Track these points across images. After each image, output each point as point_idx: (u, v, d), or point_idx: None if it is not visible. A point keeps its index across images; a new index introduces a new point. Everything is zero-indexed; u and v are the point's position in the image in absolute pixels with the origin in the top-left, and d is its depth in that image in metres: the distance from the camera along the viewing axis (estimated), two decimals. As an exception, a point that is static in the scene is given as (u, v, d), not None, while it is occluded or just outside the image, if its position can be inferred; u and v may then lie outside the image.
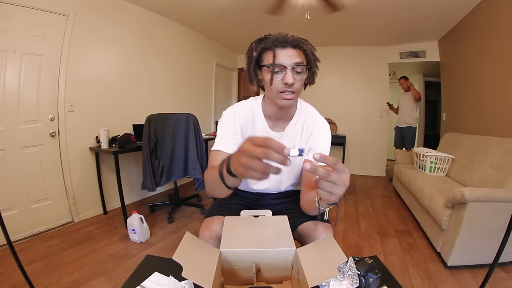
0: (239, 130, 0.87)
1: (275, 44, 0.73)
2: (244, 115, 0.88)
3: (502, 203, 1.43)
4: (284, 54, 0.72)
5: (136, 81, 2.82)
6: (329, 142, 0.88)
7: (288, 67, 0.72)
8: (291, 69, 0.72)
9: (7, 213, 1.86)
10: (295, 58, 0.72)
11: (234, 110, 0.88)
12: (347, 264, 0.63)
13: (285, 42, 0.72)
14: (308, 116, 0.89)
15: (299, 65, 0.72)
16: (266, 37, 0.76)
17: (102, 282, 1.46)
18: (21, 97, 1.94)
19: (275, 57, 0.73)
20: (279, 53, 0.73)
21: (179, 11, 2.97)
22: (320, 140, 0.87)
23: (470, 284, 1.45)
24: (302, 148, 0.47)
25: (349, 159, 4.37)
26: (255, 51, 0.77)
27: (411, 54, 3.93)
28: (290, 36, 0.74)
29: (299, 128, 0.88)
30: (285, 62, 0.72)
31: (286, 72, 0.72)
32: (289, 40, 0.73)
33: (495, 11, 2.29)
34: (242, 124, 0.88)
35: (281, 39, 0.73)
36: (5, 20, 1.81)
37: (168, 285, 0.63)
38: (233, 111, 0.88)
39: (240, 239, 0.70)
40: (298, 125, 0.88)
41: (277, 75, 0.74)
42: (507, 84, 2.10)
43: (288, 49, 0.73)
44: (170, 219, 2.32)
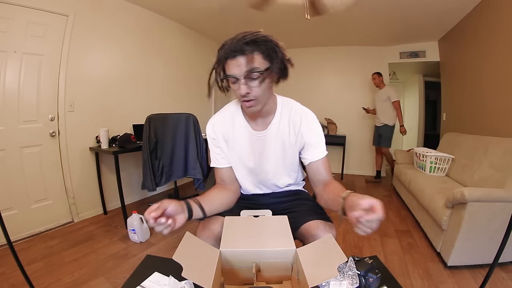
0: (221, 138, 0.91)
1: (226, 55, 0.70)
2: (223, 122, 0.91)
3: (502, 203, 1.43)
4: (235, 64, 0.70)
5: (136, 81, 2.82)
6: (320, 133, 0.89)
7: (240, 78, 0.71)
8: (243, 79, 0.71)
9: (7, 213, 1.86)
10: (245, 66, 0.69)
11: (213, 121, 0.92)
12: (347, 264, 0.63)
13: (234, 52, 0.69)
14: (292, 110, 0.88)
15: (251, 72, 0.70)
16: (224, 45, 0.73)
17: (102, 282, 1.46)
18: (21, 97, 1.94)
19: (227, 69, 0.72)
20: (230, 64, 0.71)
21: (178, 10, 2.97)
22: (314, 137, 0.88)
23: (470, 284, 1.44)
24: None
25: (349, 159, 4.37)
26: (215, 62, 0.75)
27: (411, 54, 3.93)
28: (241, 42, 0.69)
29: (285, 124, 0.88)
30: (235, 73, 0.71)
31: (239, 82, 0.71)
32: (238, 47, 0.68)
33: (495, 11, 2.29)
34: (223, 131, 0.90)
35: (231, 47, 0.69)
36: (5, 20, 1.81)
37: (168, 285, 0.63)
38: (212, 122, 0.92)
39: (240, 239, 0.70)
40: (283, 121, 0.88)
41: (234, 85, 0.74)
42: (507, 84, 2.10)
43: (237, 59, 0.69)
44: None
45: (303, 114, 0.88)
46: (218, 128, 0.91)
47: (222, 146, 0.92)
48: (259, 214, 0.82)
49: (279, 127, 0.87)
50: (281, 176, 0.95)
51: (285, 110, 0.88)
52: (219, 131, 0.90)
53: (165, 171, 2.21)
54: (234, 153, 0.91)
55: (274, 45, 0.72)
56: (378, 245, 1.94)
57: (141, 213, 1.99)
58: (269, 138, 0.88)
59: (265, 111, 0.85)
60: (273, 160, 0.90)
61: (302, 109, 0.89)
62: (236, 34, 0.71)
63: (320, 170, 0.88)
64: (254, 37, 0.69)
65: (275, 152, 0.89)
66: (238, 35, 0.70)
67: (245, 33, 0.70)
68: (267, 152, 0.89)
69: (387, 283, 0.65)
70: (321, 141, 0.89)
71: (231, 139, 0.90)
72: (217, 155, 0.93)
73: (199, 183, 2.31)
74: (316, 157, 0.88)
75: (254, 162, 0.91)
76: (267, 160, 0.90)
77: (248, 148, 0.90)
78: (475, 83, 2.64)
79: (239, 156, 0.91)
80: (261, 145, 0.89)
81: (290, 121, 0.87)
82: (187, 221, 0.71)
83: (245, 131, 0.89)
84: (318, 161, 0.88)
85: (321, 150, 0.89)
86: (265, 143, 0.88)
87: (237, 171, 0.95)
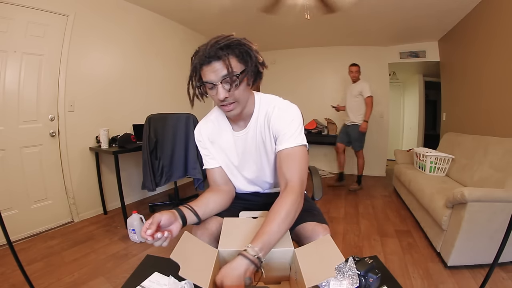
0: (207, 142, 0.94)
1: (201, 62, 0.70)
2: (209, 126, 0.93)
3: (502, 203, 1.43)
4: (210, 70, 0.70)
5: (136, 81, 2.82)
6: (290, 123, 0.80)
7: (217, 83, 0.71)
8: (220, 84, 0.71)
9: (7, 213, 1.86)
10: (221, 71, 0.69)
11: (199, 126, 0.95)
12: (347, 264, 0.63)
13: (208, 58, 0.69)
14: (269, 104, 0.86)
15: (227, 76, 0.70)
16: (196, 52, 0.73)
17: (102, 282, 1.46)
18: (21, 97, 1.94)
19: (203, 75, 0.72)
20: (205, 70, 0.71)
21: (178, 10, 2.97)
22: (281, 125, 0.80)
23: (470, 284, 1.44)
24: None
25: (349, 159, 4.36)
26: (191, 69, 0.75)
27: (411, 54, 3.93)
28: (215, 47, 0.68)
29: (261, 121, 0.86)
30: (212, 79, 0.71)
31: (217, 88, 0.72)
32: (212, 53, 0.68)
33: (495, 11, 2.29)
34: (209, 134, 0.93)
35: (206, 54, 0.69)
36: (5, 20, 1.81)
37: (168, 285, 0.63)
38: (199, 127, 0.95)
39: (238, 239, 0.70)
40: (260, 118, 0.86)
41: (211, 91, 0.74)
42: (507, 84, 2.10)
43: (213, 64, 0.69)
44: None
45: (277, 105, 0.84)
46: (204, 131, 0.94)
47: (208, 147, 0.94)
48: (258, 216, 0.82)
49: (257, 124, 0.87)
50: (268, 173, 0.94)
51: (263, 106, 0.87)
52: (205, 134, 0.93)
53: (165, 171, 2.21)
54: (220, 153, 0.93)
55: (248, 48, 0.73)
56: (378, 245, 1.94)
57: (141, 213, 2.00)
58: (250, 136, 0.88)
59: (245, 113, 0.85)
60: (256, 158, 0.91)
61: (278, 101, 0.86)
62: (209, 40, 0.71)
63: (281, 164, 0.78)
64: (227, 42, 0.69)
65: (257, 150, 0.89)
66: (211, 41, 0.70)
67: (218, 38, 0.71)
68: (249, 150, 0.90)
69: (387, 283, 0.65)
70: (289, 130, 0.79)
71: (216, 141, 0.93)
72: (206, 157, 0.95)
73: (199, 183, 2.31)
74: (280, 147, 0.79)
75: (239, 161, 0.92)
76: (250, 158, 0.91)
77: (232, 148, 0.91)
78: (475, 83, 2.64)
79: (225, 156, 0.93)
80: (243, 145, 0.90)
81: (266, 116, 0.85)
82: (182, 227, 0.72)
83: (228, 133, 0.91)
84: (282, 152, 0.79)
85: (288, 140, 0.78)
86: (246, 142, 0.89)
87: (227, 170, 0.96)
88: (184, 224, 0.74)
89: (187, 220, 0.75)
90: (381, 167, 4.34)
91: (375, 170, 4.33)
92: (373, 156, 4.32)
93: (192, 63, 0.74)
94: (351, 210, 2.69)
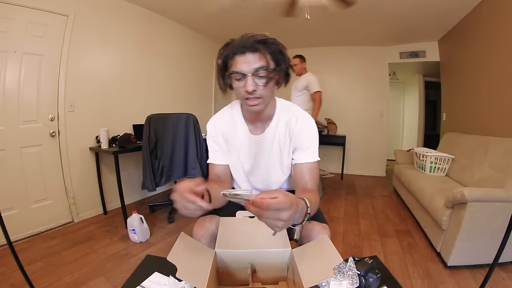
0: (221, 138, 0.91)
1: (234, 51, 0.70)
2: (224, 123, 0.91)
3: (502, 203, 1.43)
4: (243, 60, 0.70)
5: (136, 81, 2.82)
6: (313, 138, 0.86)
7: (248, 74, 0.70)
8: (251, 76, 0.70)
9: (7, 213, 1.86)
10: (254, 64, 0.70)
11: (214, 121, 0.93)
12: (347, 264, 0.63)
13: (243, 48, 0.69)
14: (290, 113, 0.87)
15: (259, 69, 0.70)
16: (230, 43, 0.74)
17: (102, 282, 1.46)
18: (21, 97, 1.94)
19: (234, 65, 0.72)
20: (238, 60, 0.71)
21: (178, 11, 2.97)
22: (304, 139, 0.85)
23: (470, 284, 1.44)
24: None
25: (349, 159, 4.37)
26: (219, 58, 0.75)
27: (411, 54, 3.93)
28: (251, 40, 0.70)
29: (282, 128, 0.87)
30: (243, 69, 0.70)
31: (247, 79, 0.71)
32: (248, 44, 0.69)
33: (495, 11, 2.29)
34: (223, 131, 0.91)
35: (241, 44, 0.69)
36: (5, 20, 1.81)
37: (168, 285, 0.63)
38: (213, 121, 0.93)
39: (235, 240, 0.70)
40: (280, 125, 0.87)
41: (239, 82, 0.73)
42: (507, 84, 2.10)
43: (247, 55, 0.70)
44: (170, 219, 2.32)
45: (300, 117, 0.86)
46: (218, 127, 0.91)
47: (221, 144, 0.92)
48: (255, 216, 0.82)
49: (275, 131, 0.87)
50: (277, 179, 0.94)
51: (283, 114, 0.87)
52: (219, 130, 0.91)
53: (165, 171, 2.21)
54: (232, 153, 0.92)
55: (282, 48, 0.73)
56: (378, 245, 1.94)
57: (141, 213, 2.00)
58: (266, 141, 0.88)
59: (265, 114, 0.85)
60: (269, 164, 0.91)
61: (299, 113, 0.88)
62: (243, 34, 0.72)
63: (304, 175, 0.84)
64: (263, 38, 0.70)
65: (271, 156, 0.89)
66: (246, 34, 0.71)
67: (254, 34, 0.71)
68: (263, 155, 0.90)
69: (387, 283, 0.65)
70: (312, 145, 0.85)
71: (230, 140, 0.91)
72: (216, 152, 0.93)
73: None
74: (303, 160, 0.85)
75: (251, 164, 0.92)
76: (262, 163, 0.91)
77: (246, 150, 0.90)
78: (475, 83, 2.64)
79: (237, 157, 0.92)
80: (257, 148, 0.89)
81: (287, 125, 0.86)
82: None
83: (244, 133, 0.89)
84: (304, 165, 0.85)
85: (310, 154, 0.85)
86: (261, 147, 0.89)
87: (235, 171, 0.95)
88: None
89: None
90: (381, 167, 4.34)
91: (375, 170, 4.34)
92: (373, 156, 4.32)
93: (221, 54, 0.74)
94: (351, 210, 2.69)
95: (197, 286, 0.52)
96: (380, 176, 4.29)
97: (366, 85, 4.26)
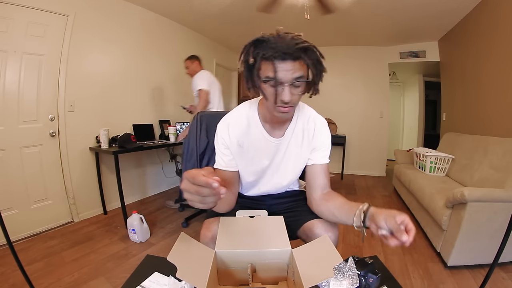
0: (235, 143, 0.84)
1: (275, 55, 0.63)
2: (239, 125, 0.84)
3: (502, 203, 1.43)
4: (283, 68, 0.64)
5: (136, 81, 2.82)
6: (328, 141, 0.89)
7: (286, 84, 0.65)
8: (289, 85, 0.66)
9: (7, 213, 1.86)
10: (295, 73, 0.64)
11: (227, 122, 0.85)
12: (347, 264, 0.63)
13: (285, 54, 0.62)
14: (307, 116, 0.87)
15: (298, 79, 0.66)
16: (264, 40, 0.65)
17: (102, 282, 1.46)
18: (21, 97, 1.94)
19: (269, 70, 0.65)
20: (277, 66, 0.64)
21: (179, 11, 2.97)
22: (323, 141, 0.87)
23: (470, 284, 1.44)
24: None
25: (349, 159, 4.37)
26: (251, 57, 0.66)
27: (411, 54, 3.93)
28: (293, 44, 0.63)
29: (299, 131, 0.86)
30: (283, 77, 0.64)
31: (284, 88, 0.66)
32: (291, 51, 0.62)
33: (495, 11, 2.29)
34: (237, 135, 0.84)
35: (282, 49, 0.62)
36: (5, 20, 1.80)
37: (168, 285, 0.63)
38: (226, 122, 0.85)
39: (235, 240, 0.69)
40: (298, 128, 0.86)
41: (272, 89, 0.69)
42: (507, 84, 2.10)
43: (288, 62, 0.63)
44: (184, 223, 2.25)
45: (317, 121, 0.87)
46: (232, 130, 0.84)
47: (232, 149, 0.86)
48: (255, 215, 0.82)
49: (293, 134, 0.86)
50: (289, 182, 0.95)
51: (300, 117, 0.86)
52: (233, 134, 0.84)
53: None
54: (246, 157, 0.87)
55: (320, 57, 0.69)
56: (378, 245, 1.94)
57: (141, 213, 2.00)
58: (283, 145, 0.86)
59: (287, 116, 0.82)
60: (284, 166, 0.90)
61: (315, 116, 0.88)
62: (281, 34, 0.66)
63: (320, 175, 0.87)
64: (305, 45, 0.65)
65: (288, 158, 0.88)
66: (287, 36, 0.65)
67: (294, 36, 0.65)
68: (280, 158, 0.88)
69: (387, 283, 0.65)
70: (327, 148, 0.88)
71: (246, 144, 0.85)
72: (225, 157, 0.86)
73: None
74: (320, 161, 0.87)
75: (265, 167, 0.89)
76: (278, 166, 0.90)
77: (261, 153, 0.86)
78: (475, 83, 2.64)
79: (251, 160, 0.88)
80: (274, 152, 0.87)
81: (305, 129, 0.86)
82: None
83: (260, 135, 0.85)
84: (321, 166, 0.87)
85: (326, 156, 0.88)
86: (279, 150, 0.87)
87: (245, 175, 0.91)
88: None
89: None
90: (381, 167, 4.35)
91: (375, 170, 4.34)
92: (373, 156, 4.33)
93: (252, 52, 0.66)
94: (351, 210, 2.69)
95: (197, 286, 0.52)
96: (380, 176, 4.29)
97: (366, 85, 4.26)
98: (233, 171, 0.88)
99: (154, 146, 2.59)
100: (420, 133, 4.94)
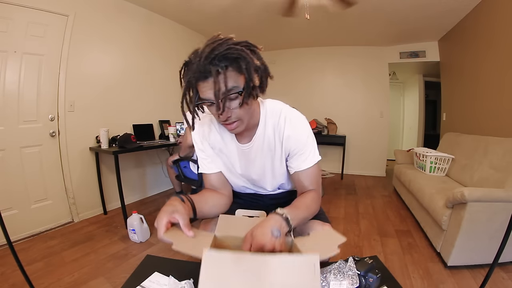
0: (208, 146, 0.86)
1: (196, 77, 0.60)
2: (210, 131, 0.84)
3: (502, 203, 1.43)
4: (208, 87, 0.60)
5: (136, 81, 2.82)
6: (305, 140, 0.79)
7: (217, 101, 0.61)
8: (221, 102, 0.61)
9: (7, 213, 1.86)
10: (221, 87, 0.60)
11: (201, 129, 0.84)
12: (347, 264, 0.63)
13: (204, 73, 0.59)
14: (277, 115, 0.79)
15: (228, 93, 0.61)
16: (188, 63, 0.64)
17: (102, 282, 1.46)
18: (21, 97, 1.94)
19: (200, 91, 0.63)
20: (202, 86, 0.61)
21: (179, 11, 2.97)
22: (298, 139, 0.79)
23: (470, 284, 1.44)
24: None
25: (349, 159, 4.37)
26: (182, 85, 0.65)
27: (411, 54, 3.93)
28: (210, 59, 0.58)
29: (270, 133, 0.80)
30: (210, 97, 0.62)
31: (218, 106, 0.62)
32: (208, 68, 0.58)
33: (495, 11, 2.29)
34: (210, 141, 0.84)
35: (200, 68, 0.59)
36: (5, 20, 1.81)
37: (168, 285, 0.63)
38: (201, 130, 0.85)
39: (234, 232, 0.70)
40: (268, 130, 0.80)
41: (211, 109, 0.66)
42: (507, 84, 2.10)
43: (209, 80, 0.59)
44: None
45: (288, 118, 0.78)
46: (205, 136, 0.85)
47: (207, 152, 0.87)
48: (254, 215, 0.82)
49: (264, 137, 0.80)
50: (272, 185, 0.92)
51: (269, 117, 0.80)
52: (205, 140, 0.85)
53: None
54: (222, 161, 0.88)
55: (248, 56, 0.61)
56: (378, 245, 1.94)
57: (141, 213, 2.00)
58: (255, 150, 0.82)
59: (250, 124, 0.77)
60: (260, 171, 0.86)
61: (287, 113, 0.79)
62: (203, 47, 0.61)
63: (302, 181, 0.82)
64: (224, 52, 0.59)
65: (262, 164, 0.85)
66: (205, 50, 0.59)
67: (213, 45, 0.59)
68: (253, 164, 0.85)
69: (387, 283, 0.65)
70: (305, 149, 0.79)
71: (218, 149, 0.85)
72: (204, 160, 0.87)
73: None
74: (299, 167, 0.80)
75: (242, 171, 0.88)
76: (254, 171, 0.87)
77: (236, 159, 0.86)
78: (475, 83, 2.64)
79: (226, 165, 0.88)
80: (247, 158, 0.84)
81: (276, 128, 0.79)
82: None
83: (232, 142, 0.83)
84: (302, 172, 0.81)
85: (305, 160, 0.80)
86: (250, 155, 0.83)
87: (230, 178, 0.91)
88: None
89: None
90: (381, 167, 4.34)
91: (375, 170, 4.34)
92: (373, 156, 4.32)
93: (184, 77, 0.64)
94: (351, 210, 2.69)
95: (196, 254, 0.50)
96: (380, 176, 4.29)
97: (366, 85, 4.26)
98: (217, 172, 0.88)
99: (154, 146, 2.59)
100: (420, 133, 4.94)
